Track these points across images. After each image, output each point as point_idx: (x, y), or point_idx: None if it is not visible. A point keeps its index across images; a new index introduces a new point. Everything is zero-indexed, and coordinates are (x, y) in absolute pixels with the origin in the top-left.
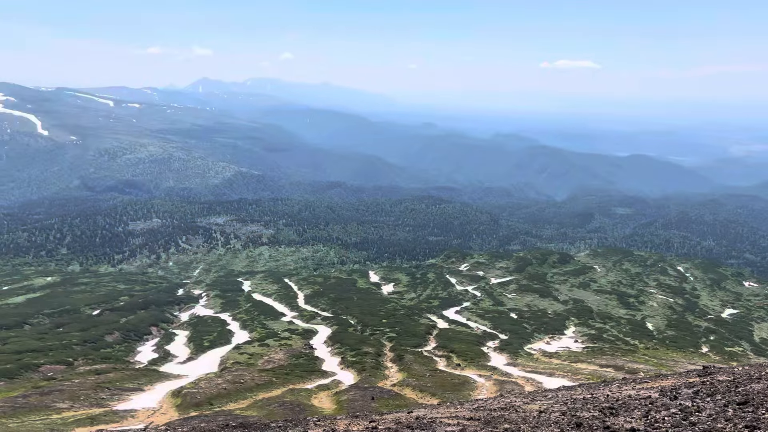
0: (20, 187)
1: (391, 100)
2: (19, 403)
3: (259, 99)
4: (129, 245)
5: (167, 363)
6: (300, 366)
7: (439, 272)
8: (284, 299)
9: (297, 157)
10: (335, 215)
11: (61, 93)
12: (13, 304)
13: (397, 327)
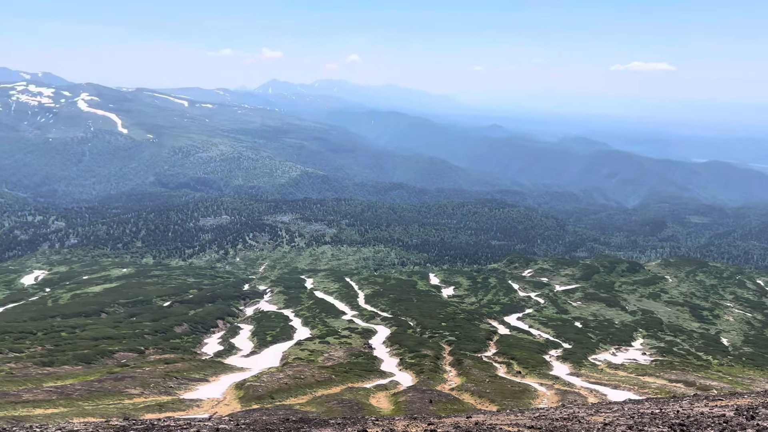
0: (101, 182)
1: (456, 102)
2: (94, 387)
3: (326, 100)
4: (199, 240)
5: (232, 356)
6: (359, 365)
7: (501, 277)
8: (345, 298)
9: (361, 158)
10: (397, 216)
11: (141, 93)
12: (92, 293)
13: (457, 331)
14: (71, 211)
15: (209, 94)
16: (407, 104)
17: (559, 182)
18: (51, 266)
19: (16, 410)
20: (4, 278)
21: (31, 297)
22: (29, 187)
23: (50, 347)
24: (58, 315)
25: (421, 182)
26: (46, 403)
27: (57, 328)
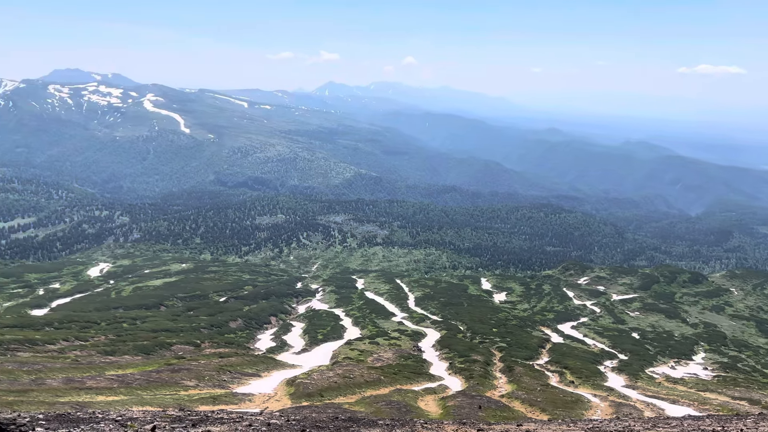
0: (163, 180)
1: (512, 104)
2: (153, 378)
3: (381, 102)
4: (255, 238)
5: (283, 352)
6: (408, 367)
7: (556, 284)
8: (395, 299)
9: (414, 160)
10: (449, 219)
11: (203, 94)
12: (152, 286)
13: (508, 337)
14: (135, 207)
15: (268, 95)
16: (462, 106)
17: (618, 188)
18: (115, 259)
19: (80, 396)
20: (72, 270)
21: (96, 288)
22: (97, 183)
23: (113, 337)
24: (120, 306)
25: (474, 185)
26: (108, 391)
27: (119, 319)
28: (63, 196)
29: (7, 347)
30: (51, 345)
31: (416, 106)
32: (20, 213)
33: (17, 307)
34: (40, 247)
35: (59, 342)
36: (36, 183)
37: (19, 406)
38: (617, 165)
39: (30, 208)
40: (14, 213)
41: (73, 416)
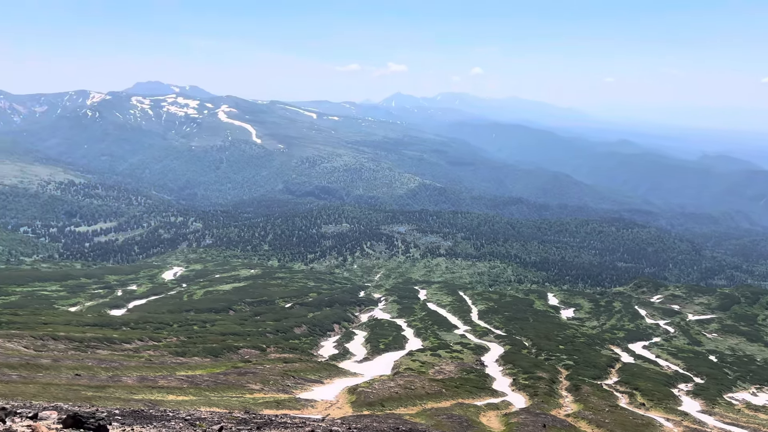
0: (235, 188)
1: (583, 115)
2: (220, 380)
3: (447, 113)
4: (320, 246)
5: (345, 360)
6: (470, 381)
7: (627, 302)
8: (458, 312)
9: (480, 171)
10: (515, 232)
11: (274, 106)
12: (222, 291)
13: (575, 355)
14: (208, 214)
15: (336, 106)
16: (530, 117)
17: (695, 203)
18: (188, 264)
19: (153, 394)
20: (148, 272)
21: (169, 291)
22: (173, 191)
23: (183, 339)
24: (191, 309)
25: (542, 198)
26: (178, 390)
27: (190, 321)
28: (142, 202)
29: (87, 344)
30: (127, 344)
31: (483, 116)
32: (103, 218)
33: (98, 306)
34: (119, 251)
35: (135, 341)
36: (118, 189)
37: (97, 401)
38: (694, 179)
39: (112, 213)
40: (97, 217)
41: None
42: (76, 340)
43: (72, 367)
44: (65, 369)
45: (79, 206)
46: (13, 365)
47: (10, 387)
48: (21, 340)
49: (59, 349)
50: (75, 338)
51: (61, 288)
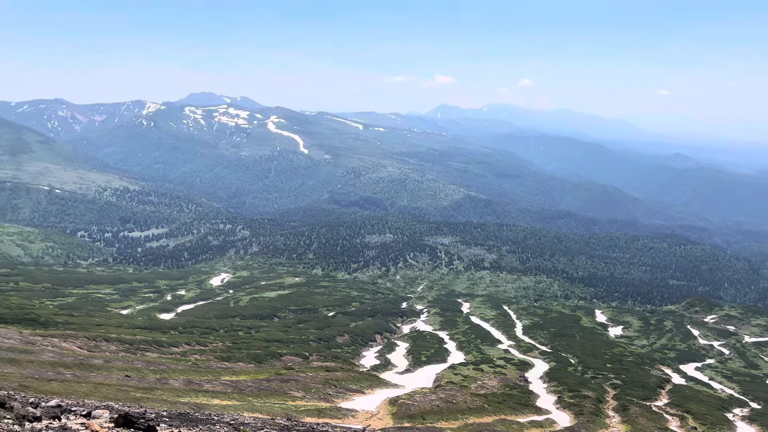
0: (282, 197)
1: (635, 128)
2: (263, 386)
3: (494, 125)
4: (364, 256)
5: (387, 371)
6: (513, 397)
7: (679, 321)
8: (502, 326)
9: (526, 183)
10: (562, 246)
11: (322, 117)
12: (267, 298)
13: (623, 374)
14: (255, 222)
15: (382, 118)
16: (580, 129)
17: (754, 220)
18: (235, 270)
19: (198, 398)
20: (196, 278)
21: (217, 297)
22: (223, 198)
23: (229, 344)
24: (237, 315)
25: (590, 212)
26: (223, 395)
27: (236, 327)
28: (192, 210)
29: (137, 347)
30: (175, 348)
31: (530, 128)
32: (155, 224)
33: (148, 310)
34: (170, 256)
35: (182, 345)
36: (170, 197)
37: (145, 403)
38: (753, 195)
39: (163, 219)
40: (150, 223)
41: (192, 416)
42: (126, 342)
43: (122, 368)
44: (116, 370)
45: (133, 212)
46: (68, 365)
47: (64, 386)
48: (76, 341)
49: (111, 351)
50: (126, 340)
51: (114, 291)
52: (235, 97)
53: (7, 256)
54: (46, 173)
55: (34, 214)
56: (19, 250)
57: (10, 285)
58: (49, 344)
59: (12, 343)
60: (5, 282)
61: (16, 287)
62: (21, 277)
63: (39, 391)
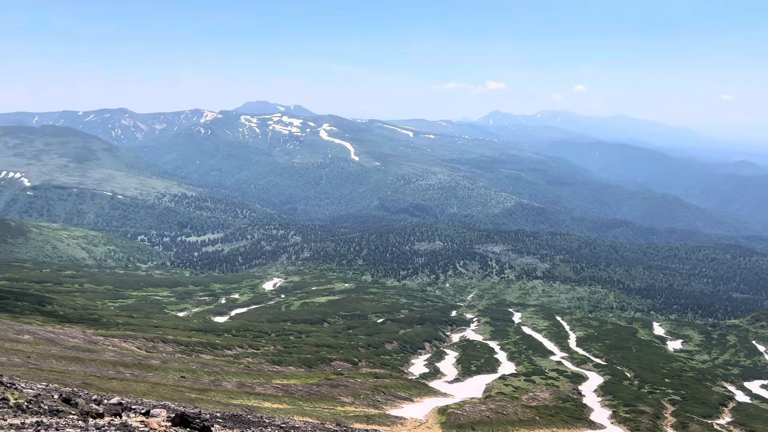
0: (333, 204)
1: (697, 135)
2: (313, 390)
3: (547, 131)
4: (413, 263)
5: (436, 379)
6: (566, 410)
7: (743, 336)
8: (554, 337)
9: (581, 191)
10: (618, 256)
11: (372, 124)
12: (317, 303)
13: (683, 390)
14: (307, 228)
15: (433, 125)
16: (637, 136)
17: None
18: (287, 275)
19: (250, 400)
20: (250, 282)
21: (269, 301)
22: (276, 205)
23: (280, 348)
24: (289, 320)
25: (649, 221)
26: (273, 398)
27: (287, 331)
28: (246, 215)
29: (192, 348)
30: (228, 350)
31: (586, 135)
32: (211, 229)
33: (203, 313)
34: (225, 260)
35: (235, 348)
36: (225, 203)
37: (200, 403)
38: None
39: (219, 224)
40: (206, 229)
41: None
42: (182, 344)
43: (178, 369)
44: (172, 371)
45: (190, 218)
46: (128, 364)
47: (124, 384)
48: (135, 341)
49: (167, 352)
50: (182, 342)
51: (171, 294)
52: (288, 106)
53: (73, 258)
54: (109, 180)
55: (98, 219)
56: (84, 252)
57: (75, 286)
58: (110, 344)
59: (76, 341)
60: (71, 283)
61: (81, 288)
62: (85, 279)
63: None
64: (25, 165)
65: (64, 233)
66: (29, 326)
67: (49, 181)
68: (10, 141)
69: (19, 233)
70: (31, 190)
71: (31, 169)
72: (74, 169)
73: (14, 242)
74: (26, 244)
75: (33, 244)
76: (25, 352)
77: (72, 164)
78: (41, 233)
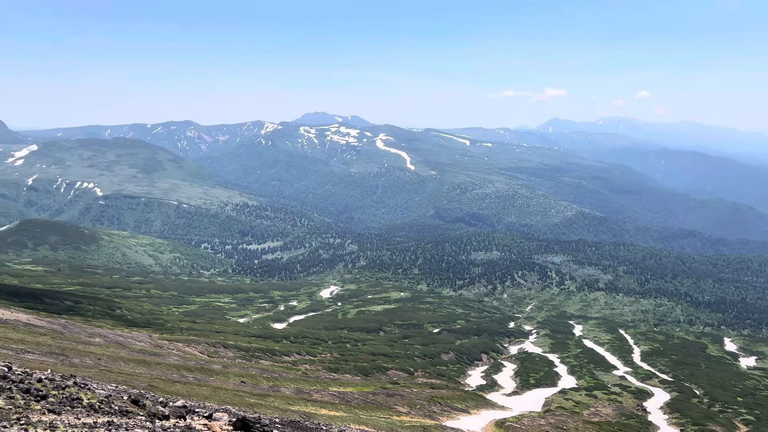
0: (389, 212)
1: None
2: (369, 399)
3: (610, 138)
4: (469, 273)
5: (493, 392)
6: (630, 427)
7: None
8: (617, 351)
9: (646, 200)
10: (686, 268)
11: (428, 133)
12: (373, 311)
13: (758, 410)
14: (363, 237)
15: (490, 133)
16: (706, 143)
17: None
18: (343, 283)
19: (307, 407)
20: (307, 290)
21: (326, 309)
22: (333, 214)
23: (337, 356)
24: (345, 327)
25: (719, 231)
26: (330, 406)
27: (343, 339)
28: (305, 224)
29: (252, 354)
30: (286, 357)
31: (650, 142)
32: (271, 237)
33: (262, 319)
34: (284, 268)
35: (293, 354)
36: (284, 212)
37: (259, 409)
38: None
39: (278, 233)
40: (266, 237)
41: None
42: (242, 350)
43: (238, 374)
44: (232, 375)
45: (251, 226)
46: (191, 368)
47: (187, 388)
48: (198, 346)
49: (228, 357)
50: (242, 347)
51: (232, 300)
52: (346, 116)
53: (140, 264)
54: (175, 189)
55: (164, 227)
56: (150, 259)
57: (142, 292)
58: (174, 348)
59: (143, 345)
60: (139, 289)
61: (148, 294)
62: (152, 285)
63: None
64: (98, 175)
65: (132, 241)
66: (100, 329)
67: (120, 191)
68: (85, 153)
69: (92, 240)
70: (102, 199)
71: (103, 180)
72: (142, 180)
73: (87, 249)
74: (98, 251)
75: (104, 251)
76: (96, 354)
77: (140, 174)
78: (112, 241)
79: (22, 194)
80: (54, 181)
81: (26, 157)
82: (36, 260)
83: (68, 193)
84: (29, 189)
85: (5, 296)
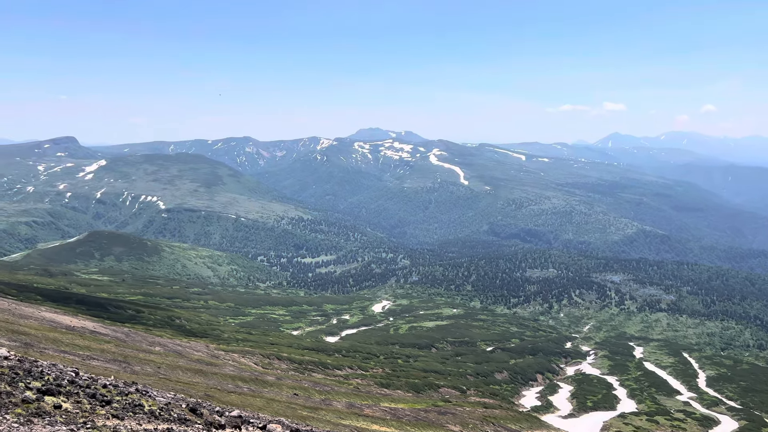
0: (441, 228)
1: None
2: (420, 416)
3: (672, 154)
4: (524, 291)
5: (548, 413)
6: None
7: None
8: (681, 375)
9: (711, 218)
10: (755, 289)
11: (483, 148)
12: (425, 327)
13: None
14: (415, 252)
15: (546, 148)
16: None
17: None
18: (395, 298)
19: (359, 422)
20: (360, 304)
21: (378, 323)
22: (386, 228)
23: (388, 371)
24: (396, 343)
25: None
26: (382, 421)
27: (395, 354)
28: (358, 239)
29: (305, 367)
30: (338, 370)
31: (716, 157)
32: (324, 251)
33: (315, 332)
34: (336, 282)
35: (345, 368)
36: (338, 226)
37: (311, 422)
38: None
39: (332, 247)
40: (320, 251)
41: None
42: (296, 362)
43: (291, 386)
44: (285, 387)
45: (305, 240)
46: (246, 379)
47: (242, 398)
48: (252, 357)
49: (282, 369)
50: (295, 360)
51: (286, 313)
52: (399, 132)
53: (199, 276)
54: (233, 203)
55: (223, 240)
56: (209, 271)
57: (201, 302)
58: (230, 359)
59: (200, 355)
60: (197, 299)
61: (206, 305)
62: (210, 296)
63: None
64: (161, 189)
65: (192, 253)
66: (160, 338)
67: (181, 204)
68: (149, 168)
69: (154, 252)
70: (165, 212)
71: (165, 193)
72: (203, 194)
73: (150, 260)
74: (160, 262)
75: (165, 262)
76: (156, 362)
77: (201, 189)
78: (173, 252)
79: (91, 207)
80: (120, 194)
81: (95, 171)
82: (102, 270)
83: (133, 206)
84: (97, 202)
85: (74, 304)
